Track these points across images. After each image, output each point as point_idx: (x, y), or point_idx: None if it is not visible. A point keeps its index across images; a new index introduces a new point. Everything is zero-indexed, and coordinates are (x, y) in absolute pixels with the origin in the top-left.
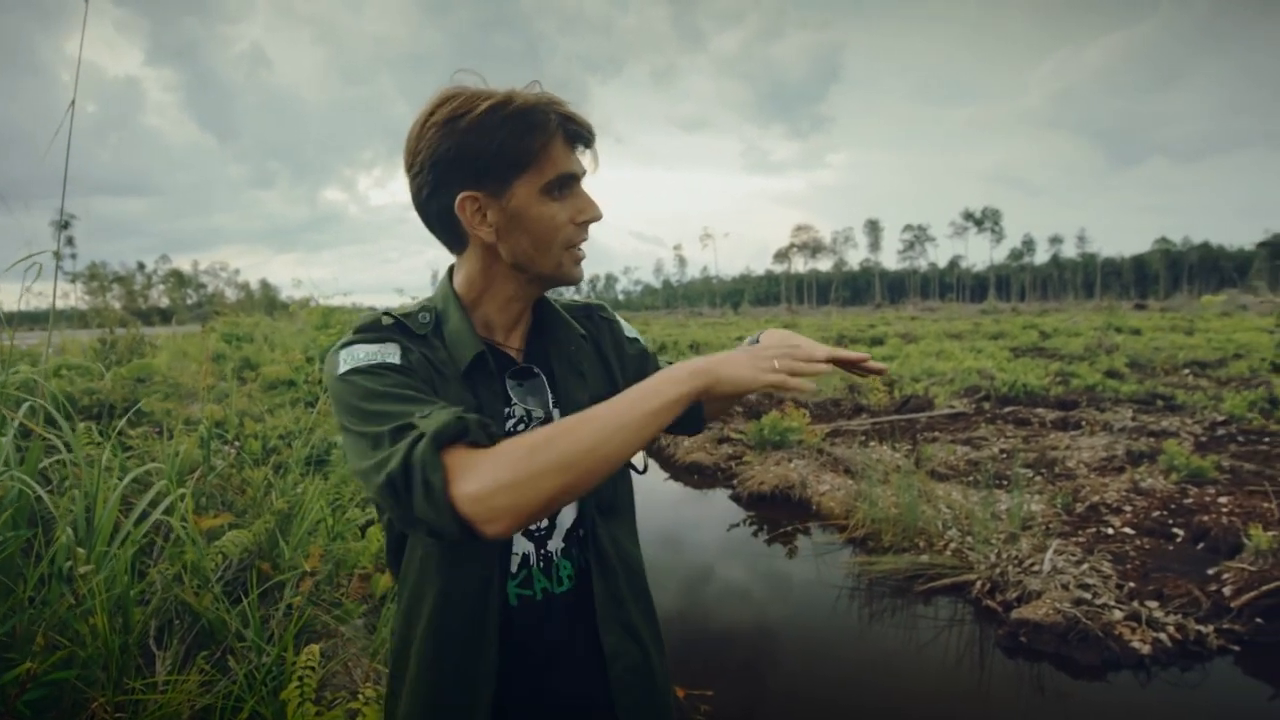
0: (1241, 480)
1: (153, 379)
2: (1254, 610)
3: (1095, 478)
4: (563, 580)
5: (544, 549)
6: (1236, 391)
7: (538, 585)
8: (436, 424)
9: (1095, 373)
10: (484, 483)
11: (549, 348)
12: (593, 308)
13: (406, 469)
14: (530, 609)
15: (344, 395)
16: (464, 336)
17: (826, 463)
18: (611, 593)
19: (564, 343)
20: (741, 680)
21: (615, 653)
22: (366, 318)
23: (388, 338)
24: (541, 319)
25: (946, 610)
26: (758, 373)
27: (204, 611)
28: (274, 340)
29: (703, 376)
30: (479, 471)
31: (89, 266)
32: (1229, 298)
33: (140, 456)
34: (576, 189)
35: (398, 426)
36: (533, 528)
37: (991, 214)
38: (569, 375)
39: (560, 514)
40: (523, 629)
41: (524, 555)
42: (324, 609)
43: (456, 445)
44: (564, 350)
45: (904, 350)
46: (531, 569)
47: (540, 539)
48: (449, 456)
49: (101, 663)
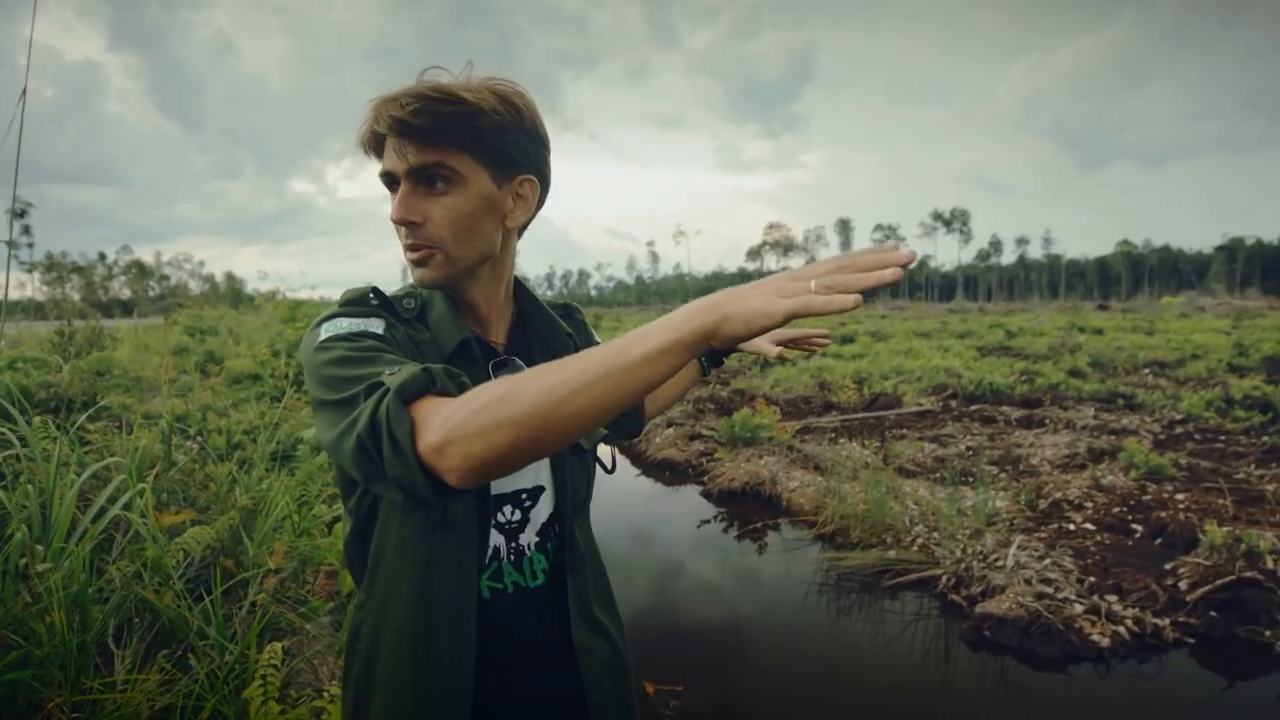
0: (1198, 477)
1: (112, 372)
2: (1208, 604)
3: (1058, 475)
4: (536, 575)
5: (515, 542)
6: (1194, 391)
7: (508, 578)
8: (402, 377)
9: (1059, 372)
10: (440, 433)
11: (533, 341)
12: (571, 308)
13: (374, 425)
14: (502, 602)
15: (320, 365)
16: (449, 323)
17: (796, 459)
18: (582, 589)
19: (548, 338)
20: (711, 675)
21: (586, 647)
22: (353, 292)
23: (373, 313)
24: (525, 313)
25: (913, 605)
26: (778, 298)
27: (165, 609)
28: (239, 334)
29: (705, 315)
30: (437, 421)
31: (46, 257)
32: (1188, 299)
33: (99, 451)
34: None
35: (369, 385)
36: (504, 521)
37: (960, 214)
38: None
39: (535, 508)
40: (495, 622)
41: (495, 548)
42: (289, 606)
43: (425, 397)
44: (548, 345)
45: (873, 348)
46: (502, 562)
47: (512, 532)
48: (416, 409)
49: (58, 662)
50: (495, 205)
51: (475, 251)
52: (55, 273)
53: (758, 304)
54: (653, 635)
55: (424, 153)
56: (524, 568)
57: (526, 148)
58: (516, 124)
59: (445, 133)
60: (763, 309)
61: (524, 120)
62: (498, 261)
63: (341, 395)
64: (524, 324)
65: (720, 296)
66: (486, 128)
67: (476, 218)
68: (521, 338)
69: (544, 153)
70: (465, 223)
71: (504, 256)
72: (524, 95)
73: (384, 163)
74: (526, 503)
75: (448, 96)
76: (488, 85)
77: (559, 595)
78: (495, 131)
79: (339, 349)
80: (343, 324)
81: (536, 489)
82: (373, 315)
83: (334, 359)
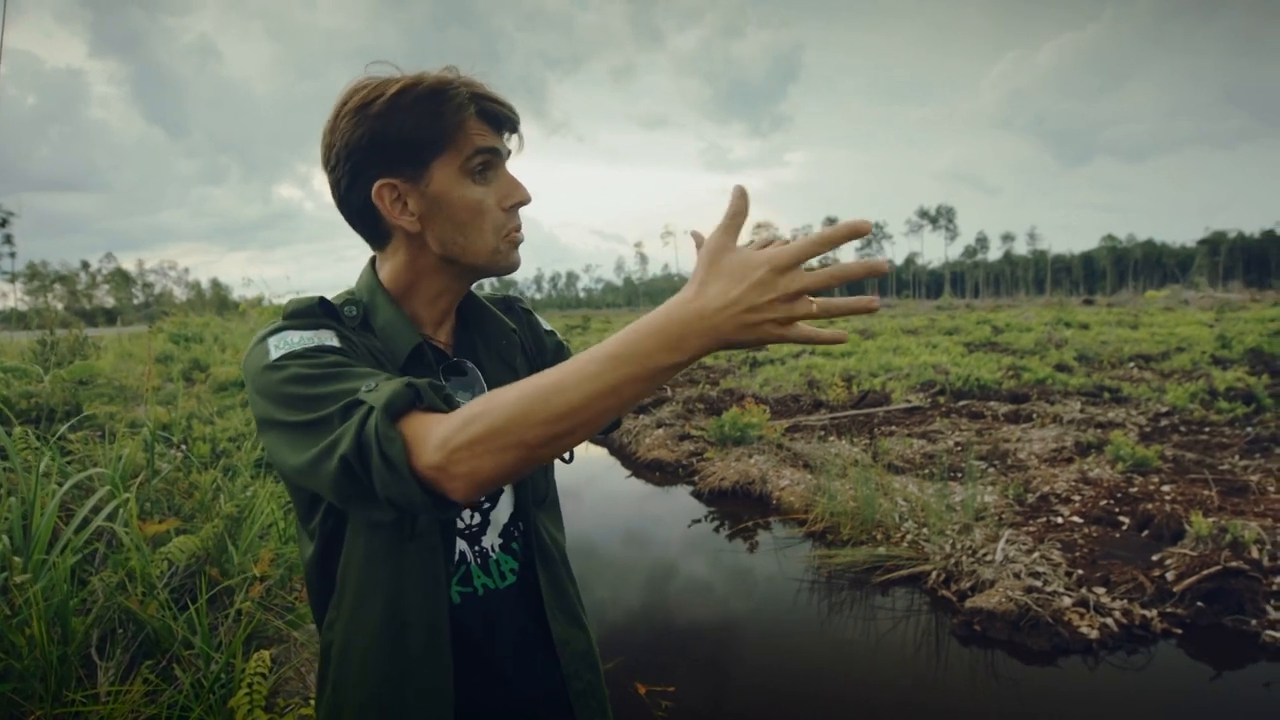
0: (1183, 469)
1: (95, 381)
2: (1195, 594)
3: (1045, 468)
4: (505, 575)
5: (478, 545)
6: (1179, 383)
7: (477, 581)
8: (387, 394)
9: (1046, 366)
10: (442, 454)
11: (477, 341)
12: (512, 300)
13: (360, 446)
14: (473, 605)
15: (276, 385)
16: (399, 328)
17: (786, 458)
18: (557, 583)
19: (493, 337)
20: (704, 675)
21: (565, 639)
22: (298, 303)
23: (322, 324)
24: (467, 313)
25: (904, 601)
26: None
27: (149, 619)
28: (225, 340)
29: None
30: (435, 441)
31: (28, 266)
32: (1171, 293)
33: (81, 461)
34: (501, 170)
35: (345, 405)
36: (462, 525)
37: (946, 212)
38: (501, 370)
39: (495, 510)
40: (468, 626)
41: (460, 553)
42: (276, 614)
43: (411, 413)
44: (494, 344)
45: (862, 346)
46: (470, 565)
47: (473, 535)
48: (406, 427)
49: (39, 674)
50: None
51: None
52: (37, 282)
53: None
54: (644, 636)
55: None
56: (491, 570)
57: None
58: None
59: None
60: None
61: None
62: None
63: (311, 416)
64: (466, 324)
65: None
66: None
67: None
68: (466, 339)
69: None
70: None
71: None
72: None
73: (487, 140)
74: (485, 504)
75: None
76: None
77: (532, 593)
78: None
79: (296, 367)
80: (292, 338)
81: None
82: (322, 327)
83: (293, 377)
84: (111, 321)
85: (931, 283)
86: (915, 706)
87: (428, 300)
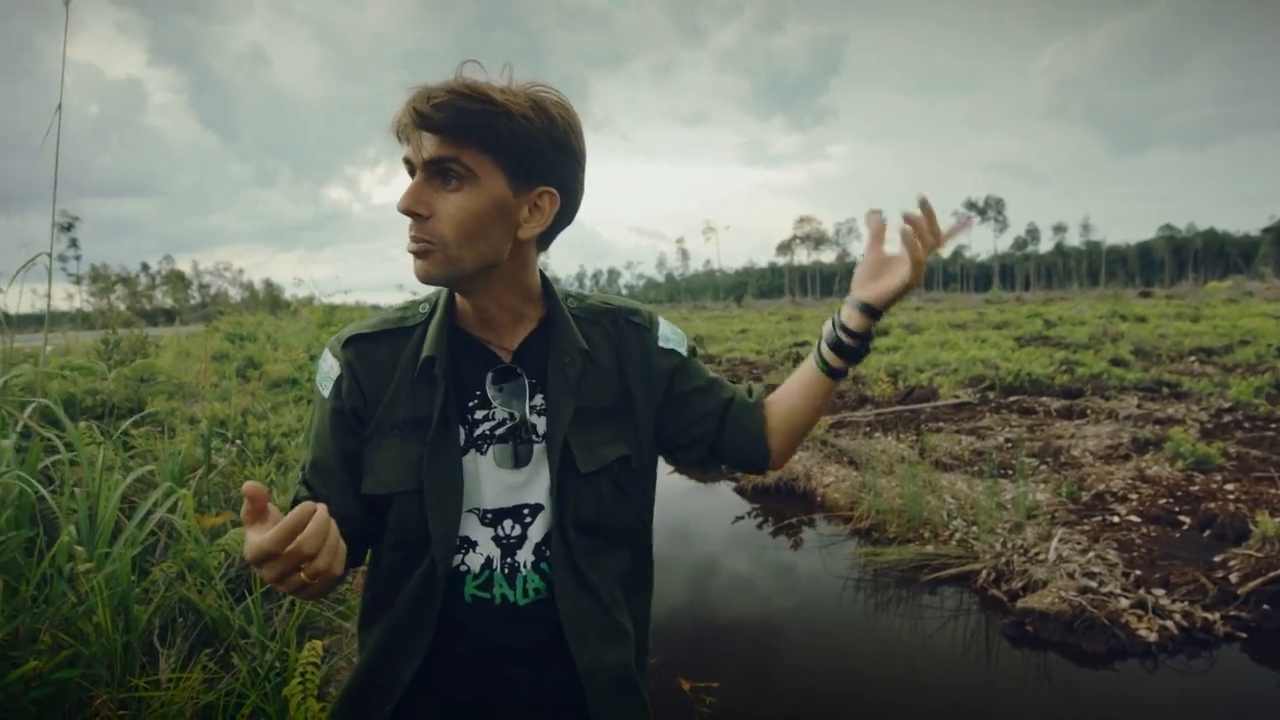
0: (1248, 467)
1: (156, 379)
2: (1261, 597)
3: (1100, 466)
4: (528, 593)
5: (511, 557)
6: (1243, 378)
7: (497, 590)
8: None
9: (1100, 361)
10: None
11: (549, 352)
12: (619, 313)
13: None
14: (484, 610)
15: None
16: (432, 335)
17: (831, 454)
18: (582, 614)
19: (565, 350)
20: (748, 672)
21: (590, 670)
22: (361, 324)
23: (342, 355)
24: (548, 320)
25: (952, 600)
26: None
27: (207, 609)
28: (277, 339)
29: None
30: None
31: (91, 269)
32: (1235, 284)
33: (143, 456)
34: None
35: (301, 469)
36: (503, 535)
37: (994, 203)
38: (561, 386)
39: (533, 525)
40: (474, 628)
41: (488, 558)
42: (327, 605)
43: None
44: (559, 359)
45: (908, 340)
46: (494, 573)
47: (510, 547)
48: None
49: (105, 661)
50: (507, 212)
51: (478, 255)
52: (100, 284)
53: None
54: (688, 631)
55: (442, 146)
56: (516, 584)
57: (553, 159)
58: (546, 133)
59: (466, 130)
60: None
61: (555, 130)
62: (508, 270)
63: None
64: (545, 332)
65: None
66: (511, 132)
67: (484, 220)
68: (538, 346)
69: (573, 167)
70: (471, 223)
71: (516, 266)
72: (565, 106)
73: (406, 153)
74: (527, 519)
75: (476, 94)
76: (528, 90)
77: (550, 616)
78: (520, 137)
79: (313, 403)
80: (322, 366)
81: (536, 506)
82: (339, 361)
83: (312, 408)
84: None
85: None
86: (965, 708)
87: (477, 306)
